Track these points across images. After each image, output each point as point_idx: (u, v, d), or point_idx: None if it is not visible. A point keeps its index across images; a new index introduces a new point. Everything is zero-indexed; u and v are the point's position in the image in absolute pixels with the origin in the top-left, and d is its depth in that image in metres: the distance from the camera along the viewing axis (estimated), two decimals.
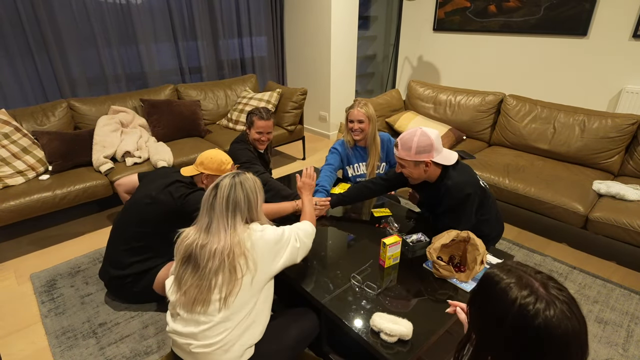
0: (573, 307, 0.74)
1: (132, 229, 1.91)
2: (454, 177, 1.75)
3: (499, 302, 0.77)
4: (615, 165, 2.75)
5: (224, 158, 1.96)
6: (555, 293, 0.75)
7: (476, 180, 1.81)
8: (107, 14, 3.39)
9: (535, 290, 0.75)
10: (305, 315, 1.53)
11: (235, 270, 1.25)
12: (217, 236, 1.28)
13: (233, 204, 1.32)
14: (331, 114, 4.57)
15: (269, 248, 1.34)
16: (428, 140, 1.71)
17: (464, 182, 1.74)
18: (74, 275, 2.34)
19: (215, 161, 1.93)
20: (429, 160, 1.73)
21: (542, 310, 0.72)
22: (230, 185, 1.33)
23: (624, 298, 2.14)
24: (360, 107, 2.24)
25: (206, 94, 3.79)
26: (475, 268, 1.54)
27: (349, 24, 4.29)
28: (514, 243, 2.63)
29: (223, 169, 1.94)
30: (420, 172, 1.78)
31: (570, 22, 3.31)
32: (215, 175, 1.94)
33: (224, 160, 1.95)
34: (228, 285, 1.25)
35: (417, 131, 1.74)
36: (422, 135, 1.71)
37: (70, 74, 3.35)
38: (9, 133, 2.64)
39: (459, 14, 4.01)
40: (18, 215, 2.43)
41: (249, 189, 1.36)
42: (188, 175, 1.99)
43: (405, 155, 1.74)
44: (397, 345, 1.29)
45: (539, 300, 0.73)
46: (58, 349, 1.84)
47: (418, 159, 1.73)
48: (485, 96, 3.31)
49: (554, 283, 0.77)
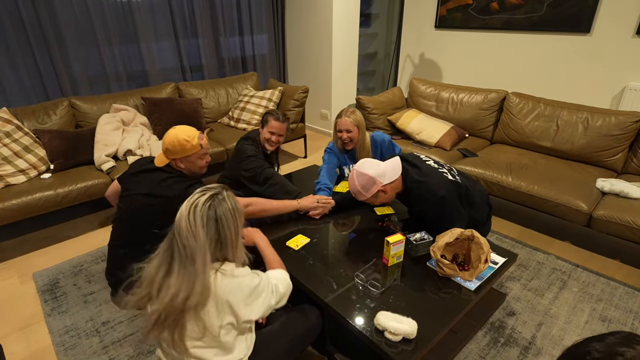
0: None
1: (131, 233, 1.86)
2: (420, 183, 1.75)
3: None
4: (619, 163, 2.73)
5: (184, 136, 1.76)
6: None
7: (442, 180, 1.76)
8: (108, 12, 3.38)
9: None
10: (307, 312, 1.52)
11: (199, 317, 1.11)
12: (183, 274, 1.10)
13: (203, 234, 1.10)
14: (333, 112, 4.56)
15: (243, 299, 1.16)
16: (367, 177, 1.75)
17: (432, 188, 1.72)
18: (77, 274, 2.34)
19: (178, 144, 1.75)
20: (382, 187, 1.76)
21: None
22: (201, 209, 1.10)
23: (627, 296, 2.13)
24: (348, 116, 2.25)
25: (207, 92, 3.78)
26: (479, 266, 1.53)
27: (350, 21, 4.27)
28: (517, 241, 2.62)
29: (190, 147, 1.76)
30: (386, 198, 1.82)
31: (573, 19, 3.30)
32: (186, 156, 1.79)
33: (186, 139, 1.76)
34: (198, 329, 1.12)
35: (352, 175, 1.81)
36: (359, 176, 1.77)
37: (72, 73, 3.34)
38: (11, 132, 2.64)
39: (461, 11, 3.99)
40: (20, 214, 2.43)
41: (224, 215, 1.13)
42: (164, 165, 1.83)
43: (365, 198, 1.81)
44: (402, 344, 1.28)
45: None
46: (61, 347, 1.84)
47: (375, 192, 1.77)
48: (488, 94, 3.30)
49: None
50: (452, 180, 1.78)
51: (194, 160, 1.82)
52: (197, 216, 1.10)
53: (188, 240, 1.10)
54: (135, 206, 1.82)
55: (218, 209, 1.13)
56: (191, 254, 1.09)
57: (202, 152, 1.84)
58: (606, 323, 1.96)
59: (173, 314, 1.10)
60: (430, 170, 1.80)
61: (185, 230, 1.10)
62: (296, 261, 1.69)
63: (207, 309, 1.11)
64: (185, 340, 1.12)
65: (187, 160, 1.81)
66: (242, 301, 1.16)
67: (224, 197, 1.16)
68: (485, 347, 1.81)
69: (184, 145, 1.76)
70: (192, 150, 1.78)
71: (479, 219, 1.90)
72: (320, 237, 1.86)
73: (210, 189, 1.17)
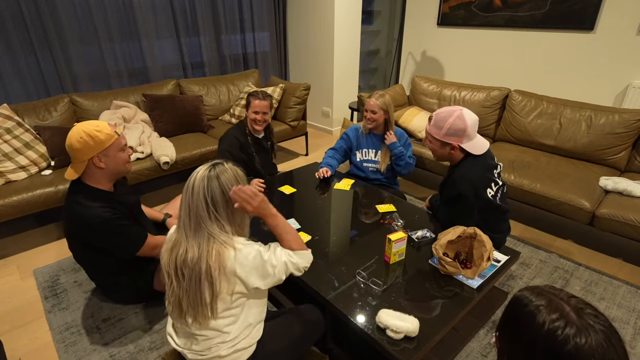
0: (612, 337, 0.68)
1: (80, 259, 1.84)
2: (465, 168, 1.71)
3: (527, 326, 0.73)
4: (622, 162, 2.72)
5: (92, 127, 1.52)
6: (591, 320, 0.69)
7: (480, 183, 1.71)
8: (109, 9, 3.36)
9: (565, 314, 0.70)
10: (310, 313, 1.51)
11: (213, 284, 1.15)
12: (196, 240, 1.17)
13: (211, 202, 1.16)
14: (334, 109, 4.54)
15: (255, 268, 1.19)
16: (462, 124, 1.66)
17: (466, 179, 1.69)
18: (77, 271, 2.33)
19: (89, 137, 1.50)
20: (456, 145, 1.69)
21: (572, 336, 0.67)
22: (203, 178, 1.17)
23: (630, 295, 2.12)
24: (376, 99, 2.37)
25: (208, 89, 3.77)
26: (481, 264, 1.52)
27: (352, 18, 4.25)
28: (520, 239, 2.61)
29: (104, 136, 1.53)
30: (444, 153, 1.75)
31: (576, 17, 3.27)
32: (103, 150, 1.54)
33: (96, 129, 1.52)
34: (213, 295, 1.17)
35: (455, 112, 1.68)
36: (458, 118, 1.66)
37: (73, 69, 3.33)
38: (11, 128, 2.63)
39: (464, 8, 3.97)
40: (20, 210, 2.42)
41: (226, 182, 1.18)
42: (75, 179, 1.60)
43: (435, 133, 1.72)
44: (404, 342, 1.27)
45: (569, 326, 0.68)
46: (62, 344, 1.83)
47: (446, 140, 1.70)
48: (490, 91, 3.28)
49: (590, 310, 0.71)
50: (486, 195, 1.72)
51: (114, 154, 1.57)
52: (200, 186, 1.16)
53: (197, 209, 1.16)
54: (65, 233, 1.71)
55: (221, 176, 1.18)
56: (213, 208, 1.17)
57: (122, 143, 1.60)
58: None
59: (193, 279, 1.15)
60: (480, 169, 1.72)
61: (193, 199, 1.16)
62: None
63: (219, 277, 1.15)
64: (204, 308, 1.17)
65: (106, 156, 1.55)
66: (251, 272, 1.18)
67: (223, 165, 1.22)
68: (487, 346, 1.80)
69: (96, 136, 1.50)
70: (108, 140, 1.52)
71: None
72: (322, 235, 1.85)
73: (212, 163, 1.22)
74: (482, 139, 1.76)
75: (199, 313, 1.18)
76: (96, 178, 1.61)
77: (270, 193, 2.28)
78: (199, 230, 1.17)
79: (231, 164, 1.24)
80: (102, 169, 1.58)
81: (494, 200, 1.75)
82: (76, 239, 1.69)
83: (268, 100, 2.40)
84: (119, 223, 1.63)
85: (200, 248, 1.16)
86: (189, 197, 1.17)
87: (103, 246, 1.67)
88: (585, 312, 0.71)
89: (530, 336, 0.72)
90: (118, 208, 1.66)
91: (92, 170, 1.57)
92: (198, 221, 1.17)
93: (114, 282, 1.91)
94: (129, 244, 1.70)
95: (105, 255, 1.74)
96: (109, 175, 1.63)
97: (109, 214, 1.59)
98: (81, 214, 1.56)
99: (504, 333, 0.80)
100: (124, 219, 1.66)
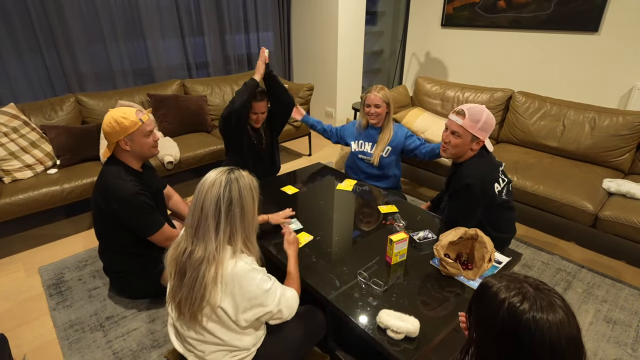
0: (569, 313, 0.74)
1: (102, 237, 1.93)
2: (474, 163, 1.76)
3: (490, 304, 0.79)
4: (626, 164, 2.71)
5: (120, 114, 1.67)
6: (547, 296, 0.76)
7: (489, 177, 1.76)
8: (114, 9, 3.39)
9: (523, 291, 0.77)
10: (312, 314, 1.52)
11: (208, 289, 1.15)
12: (203, 243, 1.16)
13: (225, 205, 1.15)
14: (337, 109, 4.55)
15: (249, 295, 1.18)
16: (493, 120, 1.74)
17: (475, 173, 1.73)
18: (82, 269, 2.35)
19: (115, 123, 1.66)
20: (482, 140, 1.74)
21: (528, 309, 0.74)
22: (221, 183, 1.16)
23: (633, 298, 2.12)
24: (378, 92, 2.34)
25: (213, 89, 3.79)
26: (483, 266, 1.52)
27: (356, 19, 4.26)
28: (522, 241, 2.60)
29: (129, 123, 1.67)
30: (466, 147, 1.77)
31: (581, 18, 3.26)
32: (129, 135, 1.69)
33: (123, 116, 1.67)
34: (206, 300, 1.16)
35: (484, 108, 1.74)
36: (490, 114, 1.73)
37: (78, 69, 3.36)
38: (18, 127, 2.66)
39: (468, 9, 3.96)
40: (27, 208, 2.45)
41: (244, 188, 1.18)
42: (108, 158, 1.78)
43: (470, 126, 1.71)
44: (404, 342, 1.28)
45: (526, 300, 0.75)
46: (66, 341, 1.86)
47: (478, 135, 1.73)
48: (494, 93, 3.28)
49: (546, 286, 0.78)
50: (493, 190, 1.76)
51: (138, 138, 1.72)
52: (214, 189, 1.15)
53: (209, 212, 1.15)
54: (94, 211, 1.86)
55: (239, 181, 1.18)
56: (226, 212, 1.16)
57: (147, 129, 1.74)
58: (611, 324, 1.94)
59: (192, 280, 1.15)
60: (488, 166, 1.79)
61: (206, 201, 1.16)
62: (300, 258, 1.69)
63: (215, 285, 1.15)
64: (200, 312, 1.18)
65: (132, 140, 1.71)
66: (246, 298, 1.18)
67: (240, 171, 1.21)
68: None
69: (121, 122, 1.66)
70: (132, 127, 1.67)
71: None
72: (324, 235, 1.86)
73: (229, 169, 1.21)
74: (488, 140, 1.82)
75: (195, 315, 1.18)
76: (125, 157, 1.78)
77: (273, 193, 2.29)
78: (207, 234, 1.16)
79: (247, 172, 1.24)
80: (128, 151, 1.75)
81: (500, 196, 1.79)
82: (102, 209, 1.78)
83: (265, 99, 2.43)
84: (143, 200, 1.76)
85: (206, 251, 1.15)
86: (202, 199, 1.16)
87: (124, 220, 1.76)
88: (542, 289, 0.77)
89: (491, 313, 0.79)
90: (145, 186, 1.81)
91: (121, 150, 1.76)
92: (207, 224, 1.16)
93: (126, 266, 1.94)
94: (146, 223, 1.80)
95: (126, 232, 1.81)
96: (135, 157, 1.79)
97: (137, 188, 1.74)
98: (112, 183, 1.72)
99: (470, 314, 0.88)
100: (148, 197, 1.79)
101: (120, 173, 1.74)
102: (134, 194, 1.72)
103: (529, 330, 0.73)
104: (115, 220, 1.78)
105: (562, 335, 0.72)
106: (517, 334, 0.74)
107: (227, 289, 1.16)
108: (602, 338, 1.87)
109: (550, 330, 0.72)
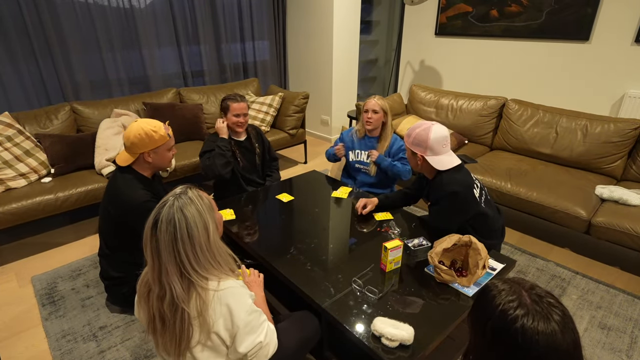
0: (565, 327, 0.73)
1: (107, 243, 1.93)
2: (449, 175, 1.79)
3: (486, 307, 0.80)
4: (618, 170, 2.74)
5: (150, 127, 1.73)
6: (544, 307, 0.74)
7: (467, 183, 1.80)
8: (110, 18, 3.41)
9: (521, 298, 0.76)
10: (306, 320, 1.51)
11: (188, 329, 1.07)
12: (167, 284, 1.07)
13: (175, 243, 1.05)
14: (333, 118, 4.58)
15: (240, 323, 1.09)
16: (425, 136, 1.77)
17: (454, 180, 1.77)
18: (75, 278, 2.33)
19: (146, 136, 1.71)
20: (420, 156, 1.80)
21: (521, 316, 0.73)
22: (168, 218, 1.05)
23: (627, 304, 2.12)
24: (377, 100, 2.42)
25: (208, 97, 3.80)
26: (477, 272, 1.53)
27: (351, 28, 4.30)
28: (516, 248, 2.61)
29: (158, 137, 1.73)
30: (415, 163, 1.86)
31: (572, 27, 3.32)
32: (155, 148, 1.75)
33: (153, 129, 1.73)
34: (187, 339, 1.08)
35: (425, 125, 1.79)
36: (424, 130, 1.78)
37: (74, 78, 3.36)
38: (12, 136, 2.65)
39: (461, 18, 4.02)
40: (20, 217, 2.43)
41: (191, 219, 1.06)
42: (126, 165, 1.80)
43: (405, 139, 1.87)
44: (399, 350, 1.28)
45: (521, 307, 0.74)
46: (58, 352, 1.83)
47: (412, 149, 1.83)
48: (487, 100, 3.31)
49: (550, 299, 0.76)
50: (473, 193, 1.81)
51: (162, 152, 1.81)
52: (162, 230, 1.06)
53: (165, 246, 1.06)
54: (102, 216, 1.88)
55: (184, 208, 1.07)
56: (180, 249, 1.06)
57: (171, 144, 1.84)
58: (605, 330, 1.95)
59: (172, 322, 1.08)
60: (466, 175, 1.83)
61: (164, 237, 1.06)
62: (294, 266, 1.69)
63: (195, 324, 1.08)
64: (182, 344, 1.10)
65: (156, 153, 1.79)
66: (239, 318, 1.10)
67: (187, 194, 1.10)
68: None
69: (152, 136, 1.72)
70: (160, 141, 1.75)
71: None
72: (319, 242, 1.86)
73: (175, 195, 1.11)
74: (450, 159, 1.79)
75: (183, 353, 1.11)
76: (141, 167, 1.83)
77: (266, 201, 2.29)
78: (168, 275, 1.06)
79: (195, 191, 1.13)
80: (149, 162, 1.80)
81: (479, 202, 1.85)
82: (112, 214, 1.80)
83: (245, 102, 2.45)
84: (153, 207, 1.74)
85: (175, 292, 1.05)
86: (157, 234, 1.06)
87: (135, 226, 1.75)
88: (543, 300, 0.76)
89: (487, 314, 0.79)
90: (155, 194, 1.84)
91: (140, 161, 1.80)
92: (166, 262, 1.06)
93: (126, 273, 1.92)
94: None
95: (131, 239, 1.81)
96: (152, 168, 1.86)
97: (149, 196, 1.78)
98: (124, 190, 1.77)
99: (469, 316, 0.88)
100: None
101: (133, 181, 1.79)
102: (145, 201, 1.75)
103: (516, 339, 0.73)
104: (122, 227, 1.80)
105: (552, 349, 0.71)
106: (505, 340, 0.74)
107: (216, 314, 1.08)
108: (597, 344, 1.87)
109: (538, 343, 0.71)
